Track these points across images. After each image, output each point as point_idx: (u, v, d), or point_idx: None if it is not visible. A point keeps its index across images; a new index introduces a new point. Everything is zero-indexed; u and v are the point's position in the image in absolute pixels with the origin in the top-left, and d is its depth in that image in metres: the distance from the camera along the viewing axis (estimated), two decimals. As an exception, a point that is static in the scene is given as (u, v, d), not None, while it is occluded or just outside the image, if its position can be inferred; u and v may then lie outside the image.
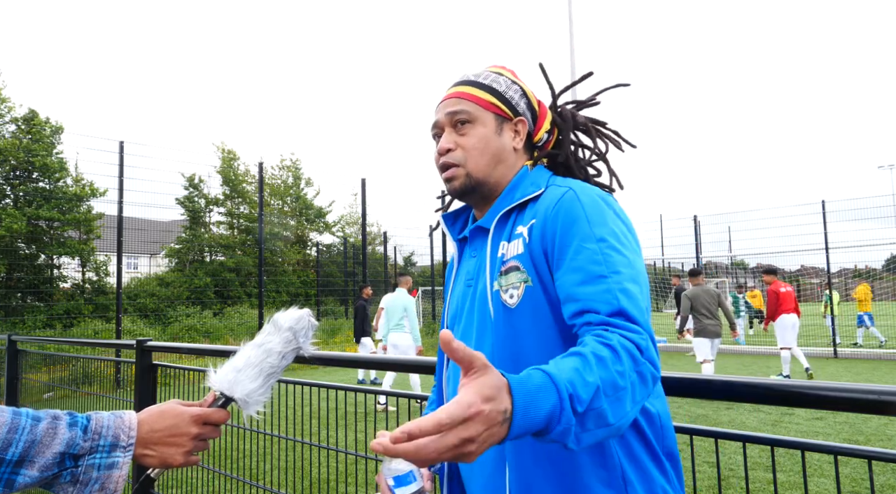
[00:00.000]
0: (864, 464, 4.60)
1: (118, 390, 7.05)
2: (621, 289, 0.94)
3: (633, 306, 0.93)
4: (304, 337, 1.11)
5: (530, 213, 1.10)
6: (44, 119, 14.20)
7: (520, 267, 1.05)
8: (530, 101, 1.24)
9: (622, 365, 0.83)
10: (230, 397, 1.04)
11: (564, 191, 1.07)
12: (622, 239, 1.01)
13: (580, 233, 1.00)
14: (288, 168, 24.03)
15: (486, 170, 1.17)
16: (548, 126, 1.25)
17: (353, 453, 2.20)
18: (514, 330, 1.04)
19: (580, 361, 0.82)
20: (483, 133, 1.17)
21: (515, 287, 1.05)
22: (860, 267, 20.63)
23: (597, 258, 0.97)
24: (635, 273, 0.98)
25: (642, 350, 0.87)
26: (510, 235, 1.11)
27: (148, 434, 0.95)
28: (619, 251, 0.99)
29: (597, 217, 1.02)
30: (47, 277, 13.70)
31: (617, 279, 0.95)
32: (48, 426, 0.87)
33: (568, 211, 1.03)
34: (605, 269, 0.96)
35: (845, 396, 1.00)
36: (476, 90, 1.19)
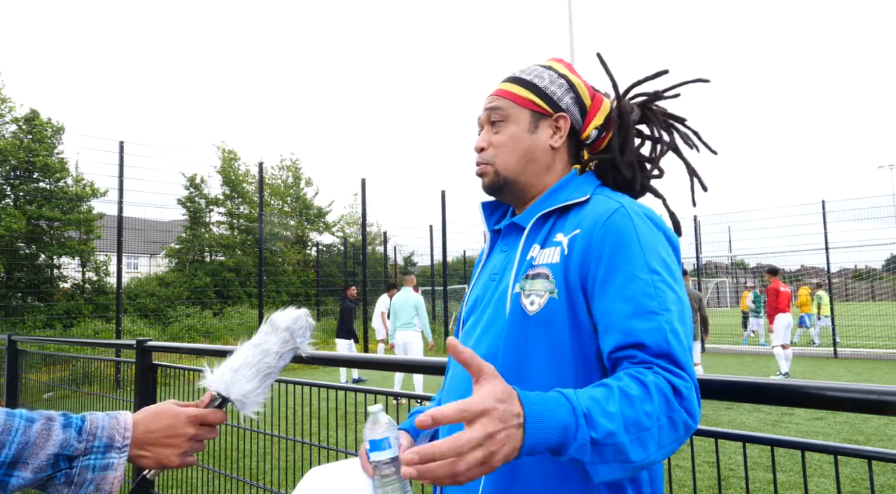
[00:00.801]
0: (864, 464, 4.60)
1: (118, 390, 7.05)
2: (672, 330, 0.90)
3: (681, 349, 0.90)
4: (301, 337, 1.10)
5: (573, 222, 1.04)
6: (45, 119, 14.19)
7: (549, 277, 1.00)
8: (579, 96, 1.17)
9: (651, 406, 0.80)
10: (227, 397, 1.03)
11: (615, 206, 1.01)
12: (673, 270, 0.97)
13: (632, 259, 0.95)
14: (288, 168, 24.02)
15: (515, 169, 1.14)
16: (600, 121, 1.17)
17: (353, 453, 2.20)
18: (526, 338, 1.00)
19: (603, 392, 0.80)
20: (514, 131, 1.14)
21: (539, 294, 1.01)
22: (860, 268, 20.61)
23: (649, 291, 0.92)
24: (683, 310, 0.94)
25: (682, 396, 0.84)
26: (546, 240, 1.06)
27: (143, 435, 0.94)
28: (670, 285, 0.94)
29: (650, 242, 0.97)
30: (47, 277, 13.69)
31: (668, 317, 0.91)
32: (42, 427, 0.86)
33: (619, 231, 0.97)
34: (657, 305, 0.92)
35: (845, 396, 1.00)
36: (515, 87, 1.16)
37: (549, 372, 0.97)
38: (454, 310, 19.85)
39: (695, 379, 0.89)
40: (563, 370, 0.97)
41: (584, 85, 1.19)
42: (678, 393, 0.84)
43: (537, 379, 0.97)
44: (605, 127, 1.18)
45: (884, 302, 20.63)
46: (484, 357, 1.04)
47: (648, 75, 1.21)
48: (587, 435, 0.75)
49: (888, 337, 15.24)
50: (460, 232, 25.64)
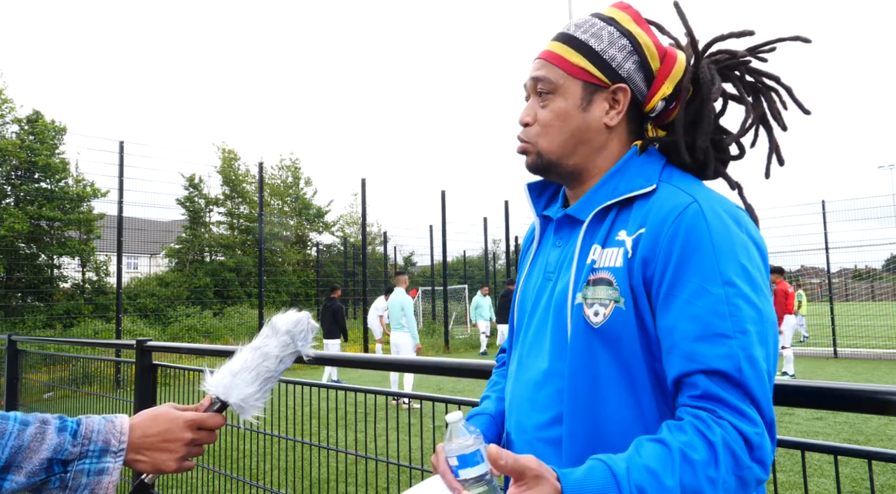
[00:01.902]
0: (864, 464, 4.60)
1: (118, 390, 7.05)
2: (748, 357, 0.78)
3: (757, 382, 0.78)
4: (302, 340, 1.08)
5: (637, 217, 0.90)
6: (48, 120, 14.20)
7: (613, 283, 0.88)
8: (645, 58, 0.97)
9: (716, 471, 0.73)
10: (226, 402, 1.02)
11: (687, 201, 0.87)
12: (755, 279, 0.83)
13: (703, 268, 0.82)
14: (288, 168, 24.02)
15: (561, 151, 0.98)
16: (668, 90, 0.98)
17: (353, 453, 2.20)
18: (593, 354, 0.88)
19: (663, 457, 0.73)
20: (561, 108, 0.97)
21: (603, 304, 0.88)
22: (860, 268, 20.61)
23: (721, 309, 0.80)
24: (765, 331, 0.81)
25: (753, 447, 0.75)
26: (606, 239, 0.92)
27: (140, 439, 0.93)
28: (749, 300, 0.81)
29: (725, 246, 0.83)
30: (47, 277, 13.69)
31: (743, 341, 0.78)
32: (36, 431, 0.85)
33: (689, 232, 0.84)
34: (731, 326, 0.79)
35: (845, 396, 1.00)
36: (566, 50, 0.98)
37: (625, 388, 0.87)
38: (454, 310, 19.86)
39: (770, 416, 0.78)
40: (639, 389, 0.87)
41: (653, 42, 0.99)
42: (749, 443, 0.75)
43: (612, 402, 0.87)
44: (675, 96, 0.99)
45: (884, 302, 20.62)
46: (547, 375, 0.94)
47: (734, 32, 0.99)
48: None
49: (888, 337, 15.24)
50: (460, 232, 25.64)
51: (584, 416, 0.89)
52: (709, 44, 1.01)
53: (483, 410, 1.13)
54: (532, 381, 0.98)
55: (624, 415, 0.87)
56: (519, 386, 1.01)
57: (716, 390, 0.77)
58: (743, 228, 0.87)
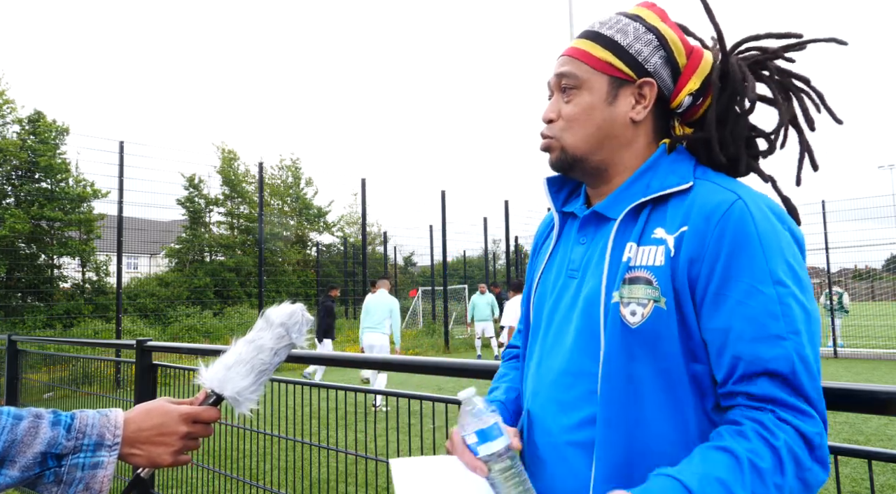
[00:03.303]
0: (864, 464, 4.60)
1: (118, 390, 7.05)
2: (801, 357, 0.77)
3: (811, 381, 0.78)
4: (297, 332, 1.07)
5: (676, 215, 0.88)
6: (49, 120, 14.21)
7: (652, 282, 0.86)
8: (671, 53, 0.96)
9: (783, 477, 0.73)
10: (221, 395, 1.02)
11: (731, 199, 0.85)
12: (801, 278, 0.82)
13: (753, 267, 0.81)
14: (288, 168, 24.03)
15: (586, 147, 0.97)
16: (696, 85, 0.96)
17: (353, 453, 2.20)
18: (630, 355, 0.86)
19: (731, 467, 0.72)
20: (587, 102, 0.96)
21: (642, 303, 0.86)
22: (860, 268, 20.62)
23: (774, 309, 0.79)
24: (814, 330, 0.81)
25: (814, 447, 0.75)
26: (642, 236, 0.90)
27: (135, 433, 0.93)
28: (798, 300, 0.80)
29: (773, 244, 0.82)
30: (47, 277, 13.70)
31: (797, 342, 0.78)
32: (29, 425, 0.85)
33: (737, 231, 0.82)
34: (784, 327, 0.78)
35: (845, 396, 1.00)
36: (592, 46, 0.97)
37: (664, 391, 0.85)
38: (454, 310, 19.85)
39: (825, 415, 0.79)
40: (678, 391, 0.85)
41: (680, 38, 0.98)
42: (810, 444, 0.75)
43: (650, 404, 0.85)
44: (703, 92, 0.97)
45: (884, 302, 20.64)
46: (575, 376, 0.92)
47: (772, 32, 0.98)
48: None
49: (888, 337, 15.25)
50: (460, 232, 25.65)
51: (621, 419, 0.86)
52: (739, 42, 1.00)
53: (493, 398, 1.11)
54: (557, 382, 0.95)
55: (662, 418, 0.85)
56: (541, 387, 0.98)
57: (774, 391, 0.77)
58: (785, 225, 0.87)
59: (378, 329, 8.02)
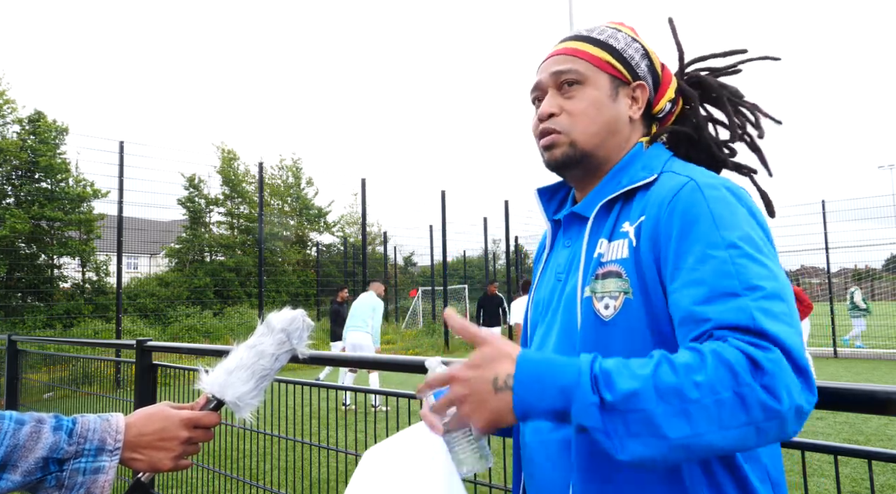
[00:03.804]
0: (864, 464, 4.60)
1: (118, 390, 7.05)
2: (760, 308, 0.73)
3: (775, 324, 0.71)
4: (297, 338, 1.08)
5: (639, 207, 0.91)
6: (49, 120, 14.21)
7: (621, 274, 0.88)
8: (653, 64, 1.03)
9: (704, 375, 0.67)
10: (221, 400, 1.02)
11: (683, 181, 0.87)
12: (759, 244, 0.80)
13: (704, 236, 0.80)
14: (288, 168, 24.04)
15: (595, 141, 0.98)
16: (671, 94, 1.03)
17: (353, 453, 2.20)
18: (606, 348, 0.86)
19: (641, 360, 0.71)
20: (596, 96, 0.97)
21: (613, 296, 0.88)
22: (860, 268, 20.62)
23: (727, 269, 0.76)
24: (779, 287, 0.76)
25: (764, 371, 0.67)
26: (612, 232, 0.92)
27: (136, 438, 0.93)
28: (755, 260, 0.77)
29: (726, 216, 0.82)
30: (47, 277, 13.70)
31: (754, 296, 0.74)
32: (31, 430, 0.85)
33: (687, 208, 0.83)
34: (738, 284, 0.75)
35: (845, 396, 1.00)
36: (590, 47, 1.00)
37: None
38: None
39: (801, 361, 0.69)
40: None
41: (654, 53, 1.05)
42: (757, 365, 0.67)
43: None
44: (674, 101, 1.05)
45: (884, 302, 20.63)
46: None
47: (716, 53, 1.08)
48: (592, 398, 0.65)
49: (888, 337, 15.24)
50: (460, 232, 25.65)
51: None
52: (692, 61, 1.09)
53: None
54: None
55: None
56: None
57: (724, 333, 0.73)
58: (741, 201, 0.85)
59: (361, 328, 8.15)
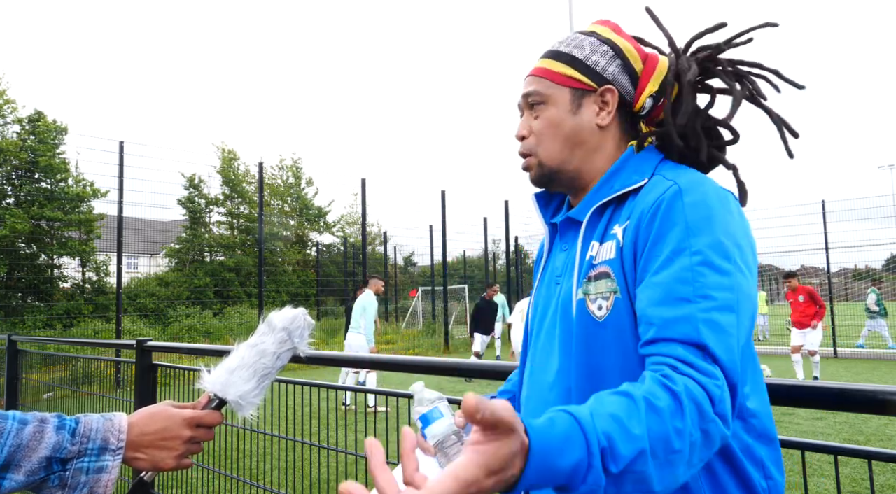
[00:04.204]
0: (864, 464, 4.60)
1: (118, 390, 7.05)
2: (706, 320, 0.77)
3: (719, 342, 0.76)
4: (299, 337, 1.08)
5: (628, 210, 0.93)
6: (50, 120, 14.20)
7: (610, 275, 0.90)
8: (628, 61, 1.02)
9: (683, 421, 0.68)
10: (223, 399, 1.02)
11: (668, 185, 0.89)
12: (728, 252, 0.82)
13: (673, 242, 0.83)
14: (288, 168, 24.04)
15: (560, 157, 1.02)
16: (654, 88, 1.02)
17: (353, 453, 2.20)
18: (600, 347, 0.89)
19: (627, 406, 0.68)
20: (552, 115, 1.02)
21: (605, 297, 0.90)
22: (860, 268, 20.61)
23: (685, 276, 0.80)
24: (733, 299, 0.79)
25: (714, 401, 0.72)
26: (603, 234, 0.95)
27: (138, 437, 0.93)
28: (717, 268, 0.80)
29: (699, 222, 0.83)
30: (47, 277, 13.70)
31: (704, 306, 0.77)
32: (35, 429, 0.85)
33: (666, 213, 0.85)
34: (692, 291, 0.78)
35: (845, 396, 1.00)
36: (552, 63, 1.03)
37: (625, 379, 0.85)
38: (454, 310, 19.85)
39: (733, 377, 0.75)
40: (636, 374, 0.85)
41: (634, 47, 1.04)
42: (711, 397, 0.72)
43: None
44: (662, 93, 1.03)
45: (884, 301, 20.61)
46: (558, 374, 0.95)
47: (708, 28, 1.05)
48: (601, 479, 0.63)
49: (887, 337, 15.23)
50: (460, 232, 25.69)
51: None
52: (688, 43, 1.06)
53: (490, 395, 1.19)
54: (545, 383, 0.99)
55: None
56: (533, 390, 1.02)
57: (675, 350, 0.76)
58: (723, 207, 0.87)
59: (355, 329, 8.16)
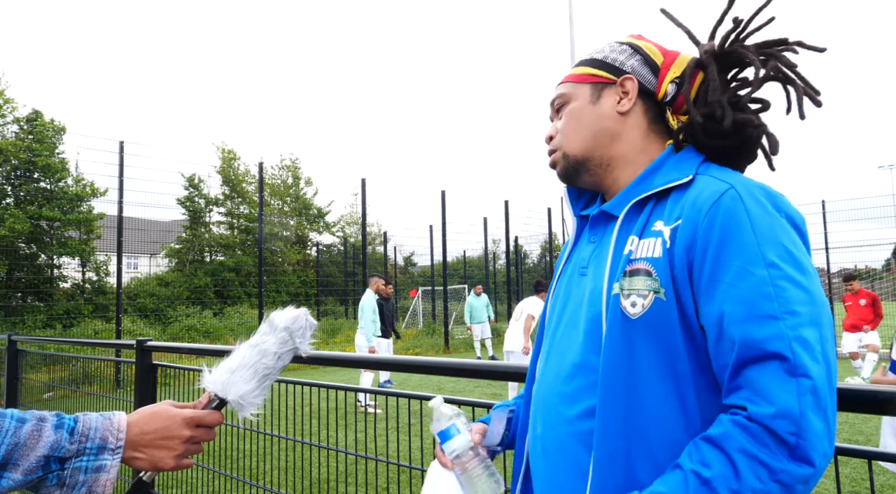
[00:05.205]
0: (864, 464, 4.60)
1: (118, 390, 7.05)
2: (797, 337, 0.75)
3: (812, 361, 0.74)
4: (300, 337, 1.08)
5: (674, 208, 0.90)
6: (48, 120, 14.20)
7: (651, 273, 0.87)
8: (647, 56, 1.04)
9: (738, 482, 0.72)
10: (224, 399, 1.02)
11: (724, 188, 0.86)
12: (800, 260, 0.81)
13: (744, 251, 0.80)
14: (288, 168, 24.03)
15: (583, 145, 1.04)
16: (677, 73, 1.02)
17: (353, 453, 2.20)
18: (631, 346, 0.88)
19: (676, 482, 0.74)
20: (573, 107, 1.06)
21: (642, 294, 0.88)
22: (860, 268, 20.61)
23: (767, 290, 0.78)
24: (817, 312, 0.78)
25: (789, 446, 0.71)
26: (643, 230, 0.92)
27: (138, 437, 0.92)
28: (795, 282, 0.78)
29: (766, 229, 0.82)
30: (47, 277, 13.69)
31: (793, 322, 0.76)
32: (33, 428, 0.85)
33: (727, 218, 0.83)
34: (778, 307, 0.76)
35: (845, 396, 1.00)
36: (576, 69, 1.09)
37: (665, 382, 0.85)
38: (454, 310, 19.84)
39: (824, 399, 0.73)
40: (681, 383, 0.85)
41: (654, 45, 1.07)
42: (783, 442, 0.71)
43: (649, 395, 0.86)
44: (683, 81, 1.02)
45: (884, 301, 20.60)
46: (578, 367, 0.95)
47: (722, 13, 1.02)
48: None
49: (888, 337, 15.22)
50: (460, 232, 25.64)
51: (619, 410, 0.87)
52: (711, 34, 1.04)
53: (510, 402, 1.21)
54: (562, 375, 0.97)
55: (662, 409, 0.85)
56: (547, 380, 1.01)
57: (758, 378, 0.75)
58: (780, 211, 0.86)
59: (359, 329, 8.22)
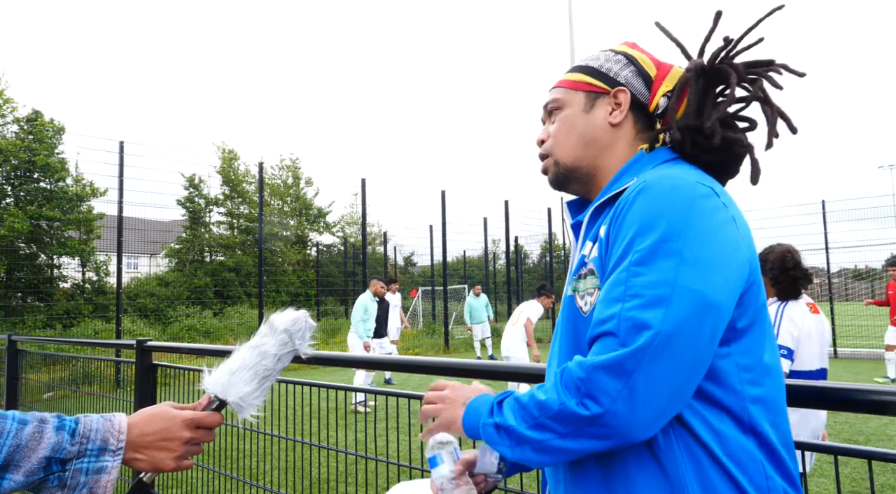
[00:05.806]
0: (864, 464, 4.60)
1: (118, 390, 7.05)
2: (627, 318, 0.79)
3: (623, 329, 0.80)
4: (300, 339, 1.08)
5: (611, 210, 0.95)
6: (47, 120, 14.19)
7: (594, 272, 0.93)
8: (641, 67, 1.05)
9: (546, 394, 0.86)
10: (224, 400, 1.02)
11: (637, 184, 0.90)
12: (672, 243, 0.81)
13: (625, 242, 0.86)
14: (288, 168, 24.03)
15: (574, 154, 1.05)
16: (669, 87, 1.03)
17: (353, 453, 2.20)
18: (578, 341, 0.94)
19: (530, 391, 0.90)
20: (566, 115, 1.07)
21: (590, 293, 0.93)
22: (860, 268, 20.60)
23: (620, 276, 0.83)
24: (668, 294, 0.78)
25: (577, 383, 0.81)
26: (596, 234, 0.97)
27: (138, 438, 0.93)
28: (655, 267, 0.80)
29: (650, 220, 0.84)
30: (47, 277, 13.69)
31: (631, 304, 0.80)
32: (34, 430, 0.85)
33: (625, 212, 0.88)
34: (622, 291, 0.82)
35: (845, 396, 1.00)
36: (570, 74, 1.10)
37: None
38: (454, 310, 19.83)
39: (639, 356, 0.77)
40: None
41: (649, 57, 1.08)
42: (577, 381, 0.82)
43: None
44: (675, 95, 1.03)
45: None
46: (558, 365, 0.98)
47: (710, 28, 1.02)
48: (490, 421, 0.92)
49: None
50: (460, 232, 25.60)
51: None
52: (701, 49, 1.04)
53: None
54: (551, 374, 1.00)
55: None
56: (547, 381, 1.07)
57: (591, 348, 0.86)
58: (686, 202, 0.84)
59: (353, 329, 8.28)
